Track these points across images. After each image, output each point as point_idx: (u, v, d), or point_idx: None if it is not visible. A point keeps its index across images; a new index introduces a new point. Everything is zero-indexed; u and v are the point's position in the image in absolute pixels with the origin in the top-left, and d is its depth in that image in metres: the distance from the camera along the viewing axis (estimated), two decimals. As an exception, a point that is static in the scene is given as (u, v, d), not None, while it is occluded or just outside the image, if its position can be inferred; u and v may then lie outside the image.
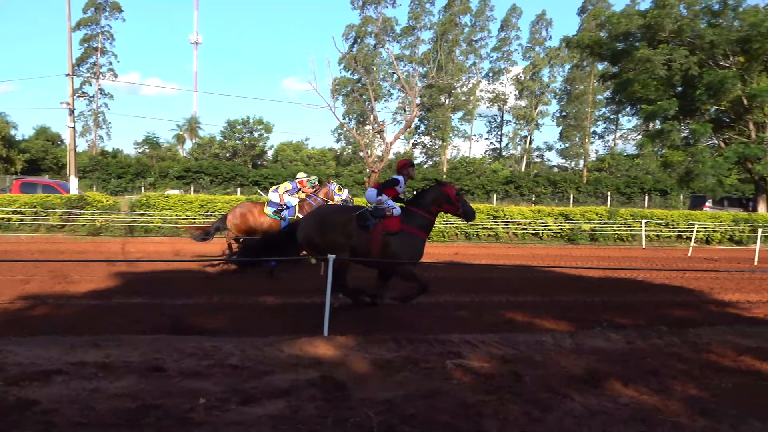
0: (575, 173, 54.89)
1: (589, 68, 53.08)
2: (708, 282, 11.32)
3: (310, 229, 6.98)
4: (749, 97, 25.58)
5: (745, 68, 26.14)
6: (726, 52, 26.25)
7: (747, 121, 27.25)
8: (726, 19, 26.58)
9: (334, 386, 4.26)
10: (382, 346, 5.35)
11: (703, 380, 4.94)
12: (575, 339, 6.00)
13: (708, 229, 21.15)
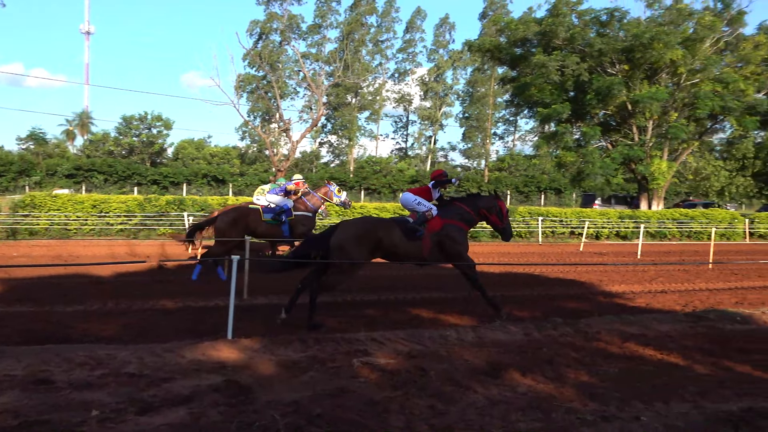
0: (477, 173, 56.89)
1: (490, 72, 55.14)
2: (597, 275, 12.11)
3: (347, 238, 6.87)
4: (633, 103, 27.62)
5: (629, 76, 28.19)
6: (612, 60, 28.19)
7: (631, 125, 29.40)
8: (612, 30, 28.54)
9: (238, 390, 4.16)
10: (288, 346, 5.29)
11: (593, 367, 5.28)
12: (477, 333, 6.21)
13: (597, 225, 22.61)
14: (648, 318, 7.34)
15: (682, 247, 19.98)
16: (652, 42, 25.97)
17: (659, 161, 28.51)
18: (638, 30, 26.86)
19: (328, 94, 49.26)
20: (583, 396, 4.44)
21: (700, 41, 27.90)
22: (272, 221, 10.62)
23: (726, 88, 27.59)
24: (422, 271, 11.56)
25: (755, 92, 30.23)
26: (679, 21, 28.81)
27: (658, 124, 29.17)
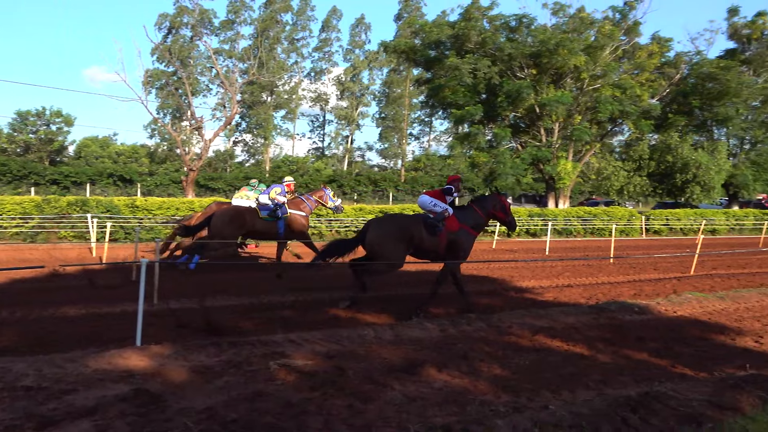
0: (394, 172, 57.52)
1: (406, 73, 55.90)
2: (509, 271, 12.57)
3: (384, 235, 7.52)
4: (540, 106, 28.89)
5: (537, 80, 29.46)
6: (521, 64, 29.36)
7: (539, 127, 30.73)
8: (521, 35, 29.71)
9: (148, 399, 3.98)
10: (201, 351, 5.12)
11: (505, 360, 5.48)
12: (395, 331, 6.28)
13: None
14: (556, 311, 7.71)
15: (586, 243, 21.10)
16: (558, 48, 27.27)
17: (565, 162, 29.98)
18: (545, 36, 28.12)
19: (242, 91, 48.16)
20: (496, 388, 4.60)
21: (601, 49, 29.60)
22: (269, 218, 10.95)
23: (624, 93, 29.42)
24: (337, 271, 11.54)
25: (649, 98, 32.46)
26: (581, 29, 30.43)
27: (563, 127, 30.65)
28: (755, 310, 8.50)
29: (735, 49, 38.76)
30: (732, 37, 38.87)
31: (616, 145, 39.16)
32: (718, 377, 5.03)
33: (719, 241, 23.86)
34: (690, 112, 34.01)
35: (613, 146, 38.73)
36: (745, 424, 3.78)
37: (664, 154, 32.42)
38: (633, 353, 5.93)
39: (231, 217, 10.55)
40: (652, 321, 7.56)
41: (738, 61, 34.99)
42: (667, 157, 32.18)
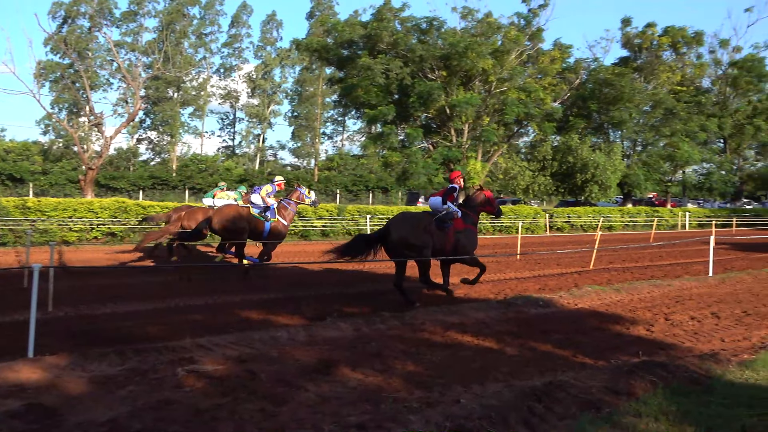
0: (307, 172, 57.11)
1: (318, 71, 55.62)
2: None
3: (407, 231, 8.34)
4: (451, 107, 29.63)
5: (447, 82, 30.18)
6: (432, 66, 29.98)
7: (450, 128, 31.50)
8: (432, 37, 30.34)
9: (43, 414, 3.72)
10: (102, 360, 4.85)
11: (418, 356, 5.58)
12: (309, 331, 6.24)
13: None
14: (466, 307, 7.94)
15: (494, 241, 21.87)
16: (467, 51, 28.07)
17: (474, 162, 30.92)
18: (454, 39, 28.87)
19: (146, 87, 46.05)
20: (409, 385, 4.67)
21: (507, 53, 30.78)
22: (259, 216, 11.18)
23: (529, 96, 30.76)
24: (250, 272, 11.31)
25: (552, 101, 34.13)
26: (489, 33, 31.51)
27: (473, 128, 31.60)
28: (647, 300, 9.14)
29: (628, 57, 41.58)
30: (625, 45, 41.68)
31: (522, 146, 40.95)
32: (615, 365, 5.37)
33: (615, 237, 25.48)
34: (588, 115, 36.10)
35: (519, 147, 40.46)
36: (638, 408, 4.06)
37: (566, 155, 34.21)
38: (538, 345, 6.21)
39: (233, 217, 10.87)
40: (555, 314, 7.95)
41: (631, 69, 37.56)
42: (569, 157, 33.97)
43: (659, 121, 38.26)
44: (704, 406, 4.15)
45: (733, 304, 8.92)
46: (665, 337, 6.73)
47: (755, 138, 43.97)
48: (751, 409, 4.09)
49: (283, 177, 12.49)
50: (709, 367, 5.20)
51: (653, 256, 16.88)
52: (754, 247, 19.18)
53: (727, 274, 12.12)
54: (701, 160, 40.63)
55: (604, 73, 34.82)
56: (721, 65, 44.95)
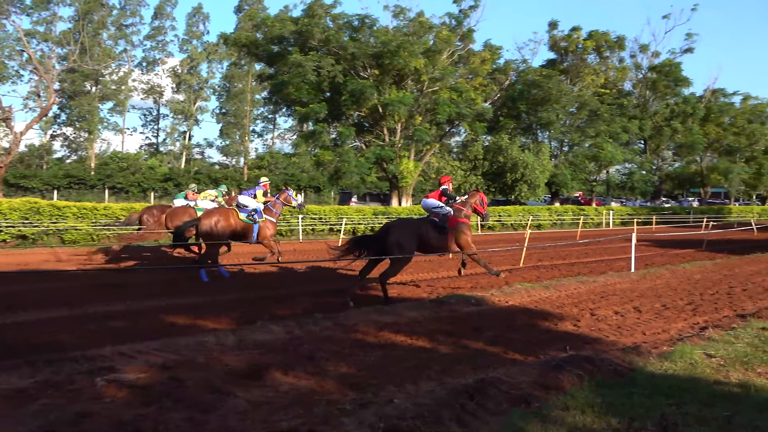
0: (236, 170, 56.00)
1: (248, 67, 54.62)
2: (355, 269, 12.80)
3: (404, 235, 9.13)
4: (383, 106, 29.82)
5: (380, 80, 30.36)
6: (365, 64, 30.07)
7: (382, 127, 31.71)
8: (364, 35, 30.42)
9: (-57, 433, 3.47)
10: (12, 373, 4.57)
11: (351, 357, 5.58)
12: (238, 335, 6.11)
13: (354, 221, 23.94)
14: (400, 307, 8.00)
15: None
16: (399, 50, 28.33)
17: (407, 161, 31.27)
18: (386, 38, 29.06)
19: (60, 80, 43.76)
20: (343, 387, 4.66)
21: (439, 53, 31.30)
22: (247, 220, 11.57)
23: (460, 96, 31.39)
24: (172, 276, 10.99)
25: (483, 101, 34.97)
26: (421, 33, 31.93)
27: (405, 127, 31.92)
28: (574, 296, 9.52)
29: (555, 60, 43.22)
30: (552, 48, 43.30)
31: (454, 146, 41.76)
32: (544, 360, 5.56)
33: (544, 235, 26.39)
34: (518, 116, 37.24)
35: (450, 147, 41.22)
36: (566, 401, 4.21)
37: (496, 154, 35.14)
38: (471, 343, 6.34)
39: (217, 220, 11.12)
40: (487, 311, 8.14)
41: (558, 71, 39.01)
42: (499, 157, 34.91)
43: (584, 122, 39.96)
44: (627, 397, 4.36)
45: (653, 298, 9.42)
46: (591, 332, 7.03)
47: (672, 139, 46.64)
48: (669, 398, 4.33)
49: (267, 179, 12.93)
50: (632, 359, 5.46)
51: (580, 253, 17.58)
52: (672, 244, 20.34)
53: (648, 270, 12.78)
54: (623, 161, 42.74)
55: (532, 74, 36.00)
56: (641, 69, 47.46)
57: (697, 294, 9.89)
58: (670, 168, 51.47)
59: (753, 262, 14.98)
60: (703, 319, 7.89)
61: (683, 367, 5.21)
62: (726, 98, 50.77)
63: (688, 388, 4.57)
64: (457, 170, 35.34)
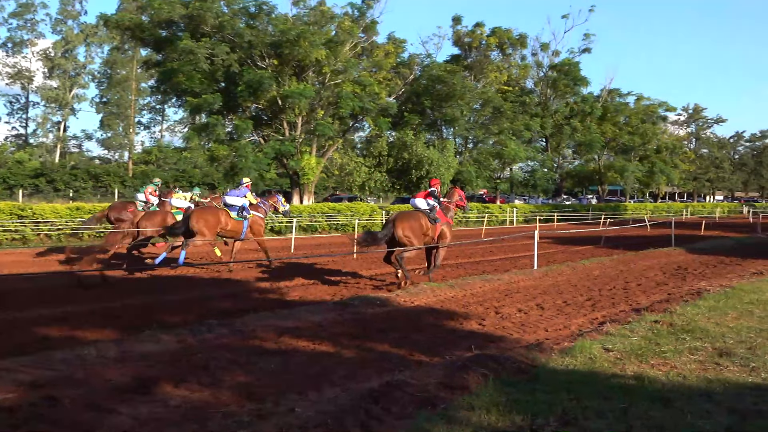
0: (120, 166, 53.28)
1: (132, 52, 52.10)
2: (252, 272, 12.59)
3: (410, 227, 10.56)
4: (283, 98, 29.47)
5: (279, 71, 29.98)
6: (263, 53, 29.57)
7: (282, 120, 31.34)
8: (261, 23, 29.92)
9: None
10: None
11: (249, 366, 5.47)
12: (123, 347, 5.83)
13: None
14: (301, 310, 7.95)
15: (331, 240, 22.14)
16: (299, 39, 28.10)
17: (309, 157, 31.09)
18: (285, 26, 28.75)
19: None
20: (240, 397, 4.56)
21: (341, 44, 31.35)
22: (238, 218, 12.58)
23: (364, 90, 31.62)
24: (52, 283, 10.31)
25: (387, 96, 35.44)
26: (322, 22, 31.85)
27: (306, 121, 31.73)
28: (479, 295, 9.86)
29: (459, 55, 44.59)
30: (456, 43, 44.64)
31: (358, 142, 42.02)
32: (449, 360, 5.71)
33: (449, 233, 27.07)
34: (423, 111, 38.06)
35: (354, 142, 41.44)
36: (471, 401, 4.36)
37: (401, 150, 35.71)
38: (376, 345, 6.41)
39: (209, 218, 12.11)
40: (392, 312, 8.25)
41: (462, 67, 40.27)
42: (404, 153, 35.49)
43: (488, 119, 41.54)
44: (530, 394, 4.57)
45: (555, 295, 9.95)
46: (496, 330, 7.31)
47: (572, 138, 49.54)
48: (570, 393, 4.59)
49: (250, 179, 14.06)
50: (535, 356, 5.74)
51: (484, 251, 18.23)
52: (572, 241, 21.57)
53: (550, 267, 13.48)
54: (526, 158, 44.85)
55: (436, 69, 36.91)
56: (543, 68, 50.04)
57: (596, 290, 10.56)
58: (570, 166, 54.67)
59: (647, 257, 16.19)
60: (601, 314, 8.43)
61: (583, 361, 5.53)
62: (621, 98, 54.73)
63: (587, 383, 4.86)
64: (361, 166, 35.59)
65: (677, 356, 5.75)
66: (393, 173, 36.49)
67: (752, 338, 6.49)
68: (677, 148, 61.37)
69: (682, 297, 9.52)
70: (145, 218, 12.88)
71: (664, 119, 60.43)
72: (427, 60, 39.99)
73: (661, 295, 9.99)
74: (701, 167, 73.31)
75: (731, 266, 14.44)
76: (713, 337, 6.53)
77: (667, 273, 13.08)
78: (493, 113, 40.89)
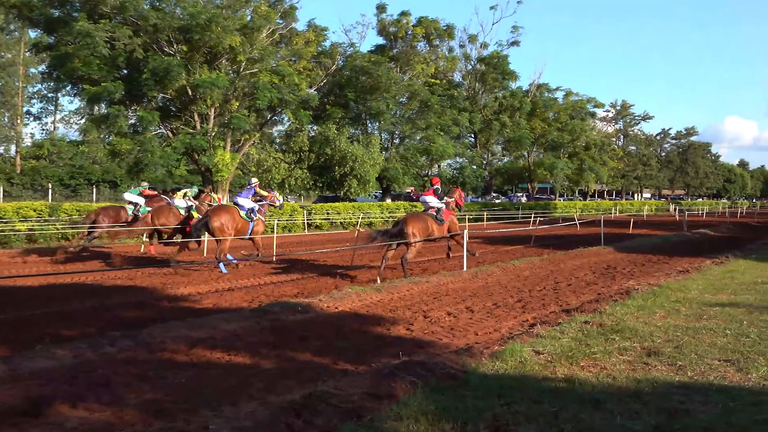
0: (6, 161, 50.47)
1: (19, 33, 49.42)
2: (161, 278, 12.23)
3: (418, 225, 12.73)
4: (193, 88, 28.73)
5: (189, 58, 29.20)
6: (170, 38, 28.71)
7: (193, 112, 30.55)
8: (169, 5, 29.04)
9: None
10: None
11: (158, 381, 5.32)
12: (11, 364, 5.54)
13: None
14: (216, 319, 7.80)
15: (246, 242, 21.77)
16: (210, 24, 27.45)
17: (223, 152, 30.45)
18: (195, 10, 28.02)
19: None
20: (147, 415, 4.43)
21: (258, 30, 30.89)
22: (246, 218, 13.96)
23: (282, 80, 31.30)
24: None
25: (307, 87, 35.22)
26: (236, 6, 31.24)
27: (220, 113, 31.09)
28: (407, 298, 9.98)
29: (384, 46, 44.87)
30: (381, 33, 44.90)
31: (276, 136, 41.56)
32: (376, 368, 5.75)
33: (375, 233, 27.21)
34: (346, 104, 38.08)
35: (273, 137, 40.96)
36: (399, 410, 4.40)
37: (323, 146, 35.60)
38: (297, 354, 6.37)
39: (226, 221, 13.47)
40: (315, 319, 8.23)
41: (387, 57, 40.54)
42: (326, 149, 35.40)
43: (415, 113, 42.01)
44: (460, 400, 4.67)
45: (485, 297, 10.20)
46: (424, 335, 7.43)
47: (501, 134, 50.89)
48: (501, 398, 4.72)
49: (257, 180, 15.67)
50: (465, 361, 5.87)
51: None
52: (502, 240, 22.17)
53: (480, 268, 13.81)
54: (455, 155, 45.66)
55: (360, 60, 37.01)
56: (471, 60, 51.09)
57: (526, 291, 10.91)
58: (499, 163, 56.11)
59: (576, 256, 16.86)
60: (531, 315, 8.72)
61: (514, 365, 5.70)
62: (550, 93, 56.70)
63: (518, 387, 5.02)
64: (280, 163, 35.23)
65: (607, 357, 6.02)
66: (315, 170, 36.32)
67: (679, 336, 6.88)
68: (606, 145, 64.28)
69: (611, 296, 9.98)
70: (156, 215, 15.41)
71: (592, 115, 63.14)
72: (351, 50, 40.06)
73: (590, 295, 10.44)
74: (629, 164, 76.98)
75: (659, 264, 15.27)
76: (642, 336, 6.88)
77: (597, 272, 13.68)
78: (420, 107, 41.39)
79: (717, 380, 5.30)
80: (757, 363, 5.80)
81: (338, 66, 38.32)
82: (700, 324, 7.56)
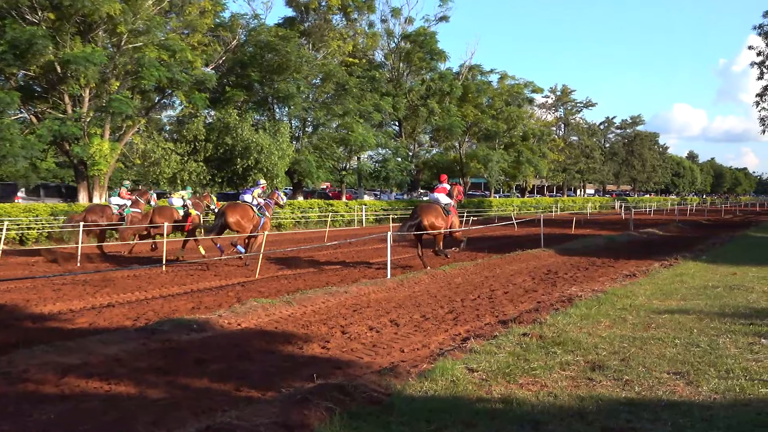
0: None
1: None
2: (24, 293, 11.70)
3: (435, 217, 15.48)
4: (63, 64, 27.65)
5: (57, 28, 28.10)
6: (34, 4, 27.54)
7: (62, 93, 29.41)
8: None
9: None
10: None
11: (20, 417, 5.09)
12: None
13: (22, 225, 21.83)
14: (92, 341, 7.54)
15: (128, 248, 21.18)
16: (83, -14, 26.53)
17: (100, 141, 29.46)
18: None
19: None
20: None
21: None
22: (259, 214, 16.45)
23: (173, 57, 30.60)
24: None
25: (203, 65, 34.56)
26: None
27: (96, 95, 30.08)
28: (322, 312, 9.95)
29: (294, 18, 44.56)
30: (290, 3, 44.55)
31: (166, 123, 40.53)
32: (286, 394, 5.70)
33: (285, 237, 27.09)
34: (250, 86, 37.62)
35: (162, 123, 39.93)
36: (313, 442, 4.37)
37: (223, 134, 34.97)
38: (192, 381, 6.24)
39: (240, 217, 16.00)
40: (214, 338, 8.09)
41: (298, 32, 40.28)
42: (226, 138, 34.79)
43: (331, 97, 41.96)
44: (384, 427, 4.69)
45: (412, 308, 10.30)
46: (343, 354, 7.42)
47: (429, 121, 51.48)
48: (430, 423, 4.77)
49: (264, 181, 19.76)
50: (389, 382, 5.89)
51: (328, 257, 18.43)
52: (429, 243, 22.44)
53: (406, 275, 13.93)
54: (376, 145, 45.87)
55: (266, 35, 36.63)
56: (394, 37, 51.45)
57: (459, 300, 11.09)
58: (427, 155, 56.73)
59: (514, 260, 17.30)
60: (464, 328, 8.87)
61: (444, 385, 5.77)
62: (483, 76, 57.81)
63: (449, 410, 5.08)
64: (171, 154, 34.37)
65: (548, 373, 6.19)
66: (213, 162, 35.64)
67: (626, 348, 7.15)
68: (545, 134, 66.20)
69: (552, 305, 10.28)
70: (158, 214, 18.53)
71: (530, 102, 64.89)
72: (255, 22, 39.55)
73: (530, 304, 10.72)
74: (571, 157, 79.59)
75: (603, 268, 15.87)
76: (585, 349, 7.11)
77: (537, 278, 14.07)
78: (337, 90, 41.36)
79: (666, 395, 5.53)
80: (707, 375, 6.10)
81: (240, 41, 37.76)
82: (648, 333, 7.89)
